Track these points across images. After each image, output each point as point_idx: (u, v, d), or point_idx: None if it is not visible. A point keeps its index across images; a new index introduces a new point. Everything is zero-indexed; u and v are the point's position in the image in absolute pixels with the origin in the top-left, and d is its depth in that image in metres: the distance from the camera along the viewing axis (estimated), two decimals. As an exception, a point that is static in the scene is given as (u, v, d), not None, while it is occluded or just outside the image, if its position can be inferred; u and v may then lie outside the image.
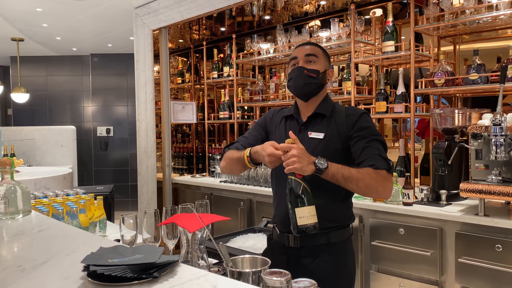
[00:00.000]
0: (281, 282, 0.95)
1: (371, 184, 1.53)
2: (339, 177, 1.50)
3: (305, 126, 1.72)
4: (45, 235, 1.44)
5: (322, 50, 1.78)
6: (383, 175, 1.55)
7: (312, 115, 1.72)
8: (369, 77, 3.43)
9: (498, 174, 2.26)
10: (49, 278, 1.01)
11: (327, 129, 1.68)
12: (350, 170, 1.52)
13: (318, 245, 1.67)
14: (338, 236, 1.69)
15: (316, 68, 1.71)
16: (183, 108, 4.48)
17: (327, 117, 1.70)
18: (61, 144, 6.14)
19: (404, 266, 2.53)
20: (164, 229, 1.44)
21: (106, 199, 2.69)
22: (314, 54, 1.73)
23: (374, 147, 1.59)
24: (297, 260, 1.68)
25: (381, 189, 1.56)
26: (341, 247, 1.70)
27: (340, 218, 1.71)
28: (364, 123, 1.65)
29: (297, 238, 1.67)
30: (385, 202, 2.66)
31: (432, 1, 2.77)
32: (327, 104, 1.74)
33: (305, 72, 1.69)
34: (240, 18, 4.34)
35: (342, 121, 1.67)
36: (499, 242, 2.17)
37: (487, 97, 3.13)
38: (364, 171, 1.53)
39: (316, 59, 1.72)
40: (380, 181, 1.54)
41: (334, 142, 1.65)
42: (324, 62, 1.75)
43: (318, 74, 1.70)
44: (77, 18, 4.92)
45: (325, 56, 1.78)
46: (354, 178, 1.51)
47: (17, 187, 1.68)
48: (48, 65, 7.18)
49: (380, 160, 1.56)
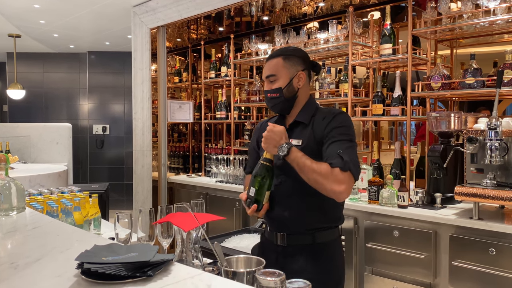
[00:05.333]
0: (275, 283, 0.95)
1: (320, 181, 1.56)
2: (294, 164, 1.58)
3: (288, 134, 1.73)
4: (39, 232, 1.43)
5: (284, 57, 1.73)
6: (335, 174, 1.55)
7: (292, 123, 1.77)
8: (366, 80, 3.44)
9: (492, 178, 2.27)
10: (42, 276, 1.00)
11: (305, 135, 1.71)
12: (306, 161, 1.57)
13: (304, 245, 1.69)
14: (326, 236, 1.71)
15: (277, 87, 1.72)
16: (180, 107, 4.47)
17: (307, 124, 1.73)
18: (56, 141, 6.12)
19: (398, 268, 2.54)
20: (159, 228, 1.44)
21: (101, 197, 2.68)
22: (272, 73, 1.73)
23: (337, 146, 1.61)
24: (284, 258, 1.69)
25: (329, 188, 1.56)
26: (328, 248, 1.71)
27: (328, 219, 1.72)
28: (336, 124, 1.66)
29: (284, 237, 1.71)
30: (380, 204, 2.67)
31: (430, 5, 2.78)
32: (308, 110, 1.76)
33: (269, 96, 1.75)
34: (239, 18, 4.34)
35: (318, 125, 1.69)
36: (493, 245, 2.18)
37: (483, 102, 3.15)
38: (320, 167, 1.56)
39: (275, 77, 1.72)
40: (330, 179, 1.55)
41: (311, 147, 1.67)
42: (286, 73, 1.72)
43: (281, 91, 1.72)
44: (74, 16, 4.90)
45: (287, 63, 1.72)
46: (307, 170, 1.56)
47: (11, 184, 1.67)
48: (44, 62, 7.15)
49: (336, 158, 1.57)
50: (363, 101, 3.34)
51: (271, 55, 1.76)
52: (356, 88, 3.27)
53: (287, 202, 1.71)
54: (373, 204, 2.71)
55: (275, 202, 1.73)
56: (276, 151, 1.59)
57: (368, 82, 3.35)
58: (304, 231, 1.70)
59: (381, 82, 3.12)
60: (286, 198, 1.71)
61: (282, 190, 1.72)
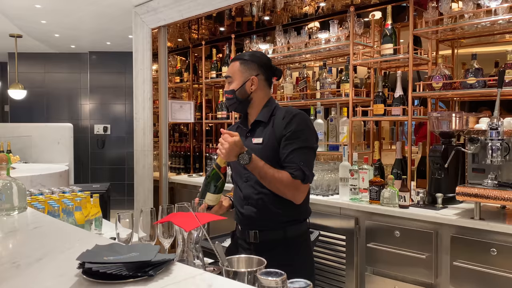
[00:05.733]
0: (277, 282, 0.95)
1: (281, 189, 1.72)
2: (256, 173, 1.70)
3: (250, 133, 1.88)
4: (40, 232, 1.44)
5: (241, 62, 1.86)
6: (296, 185, 1.71)
7: (253, 122, 1.88)
8: (367, 80, 3.44)
9: (494, 178, 2.27)
10: (44, 275, 1.00)
11: (265, 134, 1.82)
12: (268, 171, 1.69)
13: (276, 240, 1.79)
14: (296, 230, 1.83)
15: (231, 88, 1.87)
16: (181, 107, 4.48)
17: (266, 122, 1.84)
18: (57, 141, 6.13)
19: (399, 268, 2.54)
20: (160, 228, 1.44)
21: (102, 197, 2.69)
22: (229, 75, 1.88)
23: (298, 156, 1.73)
24: (259, 255, 1.70)
25: (290, 196, 1.74)
26: (298, 242, 1.83)
27: (297, 213, 1.83)
28: (297, 126, 1.76)
29: (256, 234, 1.81)
30: (381, 204, 2.66)
31: (431, 5, 2.78)
32: (267, 110, 1.87)
33: (226, 96, 1.90)
34: (240, 18, 4.34)
35: (278, 124, 1.79)
36: (494, 246, 2.18)
37: (485, 102, 3.14)
38: (281, 175, 1.70)
39: (231, 80, 1.87)
40: (290, 189, 1.72)
41: (271, 145, 1.78)
42: (240, 77, 1.85)
43: (234, 93, 1.85)
44: (76, 16, 4.90)
45: (243, 67, 1.86)
46: (268, 179, 1.70)
47: (13, 184, 1.67)
48: (46, 62, 7.16)
49: (298, 170, 1.71)
50: (364, 101, 3.33)
51: (232, 59, 1.91)
52: (357, 88, 3.27)
53: (255, 199, 1.81)
54: (374, 204, 2.71)
55: (244, 200, 1.84)
56: (236, 159, 1.67)
57: (369, 82, 3.35)
58: (274, 226, 1.80)
59: (382, 82, 3.11)
60: (254, 195, 1.81)
61: (249, 188, 1.82)
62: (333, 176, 3.12)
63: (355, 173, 2.84)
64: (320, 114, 3.32)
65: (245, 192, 1.84)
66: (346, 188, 2.87)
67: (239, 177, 1.89)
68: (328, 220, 2.90)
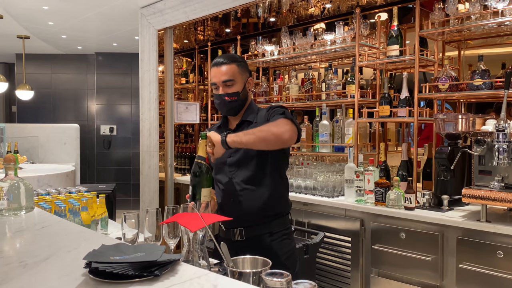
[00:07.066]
0: (281, 283, 0.95)
1: (264, 129, 1.69)
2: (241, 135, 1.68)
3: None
4: (47, 232, 1.45)
5: (237, 64, 1.87)
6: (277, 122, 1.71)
7: (239, 123, 1.92)
8: (373, 81, 3.43)
9: (500, 180, 2.25)
10: (51, 274, 1.01)
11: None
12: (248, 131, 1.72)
13: (262, 234, 1.84)
14: (279, 225, 1.87)
15: (235, 91, 1.86)
16: (187, 108, 4.49)
17: (252, 122, 1.88)
18: (64, 142, 6.16)
19: (405, 270, 2.53)
20: (166, 228, 1.45)
21: (108, 197, 2.70)
22: (230, 78, 1.85)
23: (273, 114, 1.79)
24: (244, 252, 1.72)
25: (275, 129, 1.69)
26: (285, 234, 1.88)
27: (280, 206, 1.90)
28: (273, 108, 1.84)
29: (242, 232, 1.85)
30: (387, 206, 2.65)
31: (438, 6, 2.77)
32: (251, 110, 1.93)
33: (227, 99, 1.86)
34: (245, 19, 4.35)
35: (261, 119, 1.86)
36: (501, 248, 2.17)
37: (491, 103, 3.12)
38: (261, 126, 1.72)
39: (233, 82, 1.86)
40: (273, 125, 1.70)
41: None
42: (241, 78, 1.88)
43: (239, 95, 1.87)
44: (83, 17, 4.94)
45: (241, 69, 1.88)
46: (251, 131, 1.70)
47: (20, 184, 1.69)
48: (53, 63, 7.21)
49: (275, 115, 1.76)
50: (370, 103, 3.33)
51: (222, 62, 1.87)
52: (363, 90, 3.26)
53: (240, 195, 1.84)
54: (380, 206, 2.70)
55: (228, 197, 1.87)
56: (224, 145, 1.68)
57: (375, 83, 3.34)
58: (259, 222, 1.84)
59: (388, 84, 3.10)
60: (239, 192, 1.84)
61: (234, 184, 1.85)
62: (339, 177, 3.12)
63: (360, 174, 2.83)
64: (325, 115, 3.32)
65: (229, 190, 1.87)
66: (351, 189, 2.86)
67: (223, 175, 1.90)
68: (333, 222, 2.90)
